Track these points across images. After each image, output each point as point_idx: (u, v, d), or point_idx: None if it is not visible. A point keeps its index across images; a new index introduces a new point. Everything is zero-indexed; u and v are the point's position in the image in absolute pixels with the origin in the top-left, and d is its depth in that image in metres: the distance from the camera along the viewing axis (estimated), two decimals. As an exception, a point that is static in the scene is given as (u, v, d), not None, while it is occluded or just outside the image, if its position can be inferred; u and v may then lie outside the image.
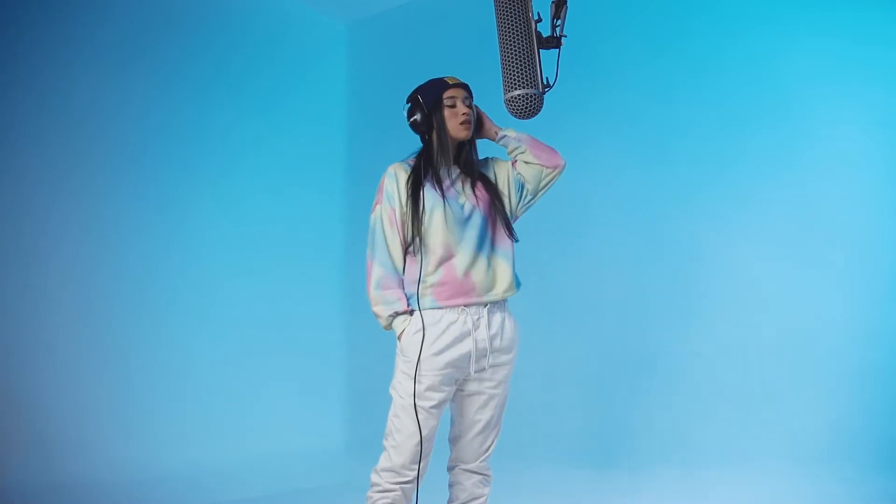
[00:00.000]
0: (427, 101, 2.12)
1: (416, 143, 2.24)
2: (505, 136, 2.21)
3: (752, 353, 3.45)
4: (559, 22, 2.05)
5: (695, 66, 3.76)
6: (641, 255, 3.83)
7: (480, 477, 2.17)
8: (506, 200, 2.19)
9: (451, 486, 2.20)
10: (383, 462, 2.08)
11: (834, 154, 3.33)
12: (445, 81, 2.15)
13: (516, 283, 2.16)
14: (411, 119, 2.15)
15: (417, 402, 2.02)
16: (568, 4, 2.05)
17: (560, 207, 4.12)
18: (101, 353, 3.79)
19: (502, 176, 2.22)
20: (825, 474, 3.12)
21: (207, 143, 4.37)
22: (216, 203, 4.38)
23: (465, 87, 2.16)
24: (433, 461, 2.14)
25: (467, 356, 2.06)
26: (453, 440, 2.19)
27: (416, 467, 2.04)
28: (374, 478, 2.08)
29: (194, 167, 4.29)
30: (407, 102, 2.18)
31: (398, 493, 2.05)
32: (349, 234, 4.94)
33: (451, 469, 2.20)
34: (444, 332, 2.05)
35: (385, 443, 2.09)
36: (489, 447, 2.17)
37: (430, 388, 2.03)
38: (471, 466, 2.16)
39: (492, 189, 2.18)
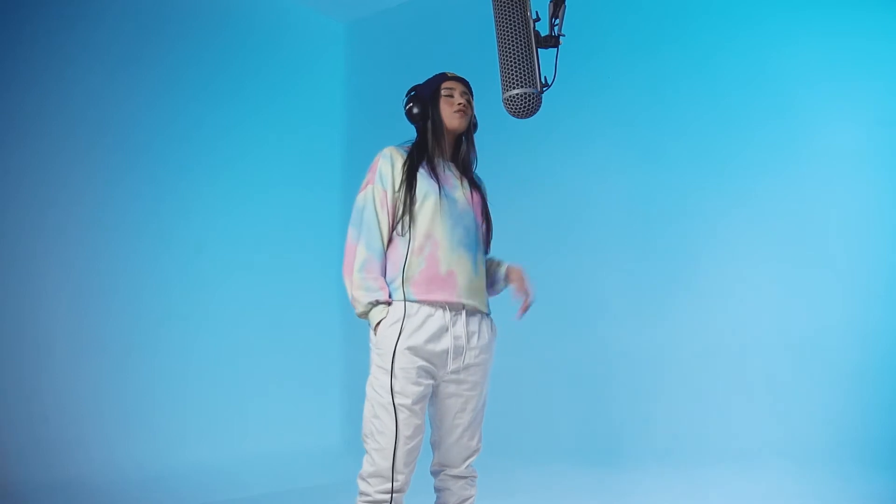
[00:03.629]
0: (425, 91, 2.13)
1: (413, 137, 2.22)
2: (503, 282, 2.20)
3: (751, 351, 3.45)
4: (557, 21, 2.05)
5: (693, 64, 3.76)
6: (639, 254, 3.83)
7: (467, 479, 2.11)
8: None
9: (437, 490, 2.14)
10: (367, 467, 1.95)
11: (833, 152, 3.33)
12: (445, 74, 2.16)
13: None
14: (407, 107, 2.14)
15: (396, 400, 1.92)
16: (566, 3, 2.05)
17: (558, 206, 4.13)
18: (100, 353, 3.79)
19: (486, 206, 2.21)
20: (825, 473, 3.12)
21: (206, 143, 4.37)
22: (215, 202, 4.38)
23: (464, 81, 2.17)
24: (418, 464, 2.03)
25: (445, 353, 1.99)
26: (435, 444, 2.12)
27: (407, 468, 1.94)
28: (363, 485, 1.96)
29: (193, 166, 4.30)
30: (406, 95, 2.17)
31: None
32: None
33: (435, 473, 2.13)
34: (422, 325, 1.97)
35: (366, 446, 1.97)
36: (473, 451, 2.11)
37: (410, 382, 1.93)
38: (456, 471, 2.09)
39: (484, 203, 2.18)
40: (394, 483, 1.92)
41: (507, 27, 1.99)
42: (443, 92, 2.12)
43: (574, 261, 4.04)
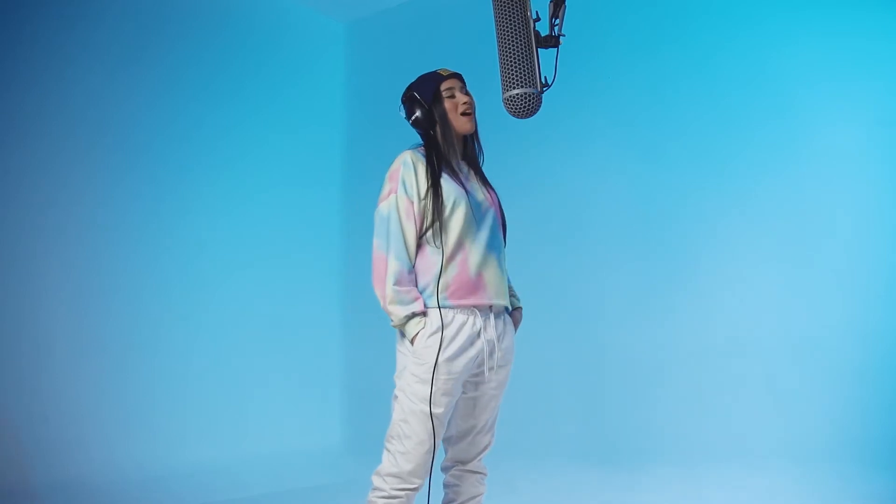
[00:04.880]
0: (425, 95, 2.07)
1: (415, 139, 2.19)
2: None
3: (751, 351, 3.45)
4: (558, 21, 2.05)
5: (693, 64, 3.77)
6: (640, 254, 3.84)
7: (478, 475, 2.14)
8: None
9: (447, 486, 2.15)
10: (388, 467, 1.97)
11: (833, 152, 3.33)
12: (439, 74, 2.11)
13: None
14: (412, 117, 2.08)
15: (434, 410, 1.93)
16: (566, 3, 2.05)
17: (559, 206, 4.13)
18: (100, 353, 3.79)
19: None
20: (825, 473, 3.12)
21: (206, 143, 4.37)
22: (215, 202, 4.38)
23: (459, 76, 2.13)
24: None
25: (476, 358, 2.00)
26: (450, 441, 2.13)
27: (425, 475, 1.96)
28: (378, 482, 1.98)
29: (193, 166, 4.30)
30: (403, 102, 2.12)
31: (403, 499, 1.95)
32: (347, 233, 4.94)
33: (446, 469, 2.15)
34: (457, 334, 1.97)
35: (389, 446, 1.99)
36: (487, 446, 2.14)
37: (444, 394, 1.95)
38: (469, 466, 2.12)
39: (497, 195, 2.17)
40: (414, 485, 1.96)
41: (507, 27, 1.99)
42: (444, 94, 2.07)
43: (574, 261, 4.04)
